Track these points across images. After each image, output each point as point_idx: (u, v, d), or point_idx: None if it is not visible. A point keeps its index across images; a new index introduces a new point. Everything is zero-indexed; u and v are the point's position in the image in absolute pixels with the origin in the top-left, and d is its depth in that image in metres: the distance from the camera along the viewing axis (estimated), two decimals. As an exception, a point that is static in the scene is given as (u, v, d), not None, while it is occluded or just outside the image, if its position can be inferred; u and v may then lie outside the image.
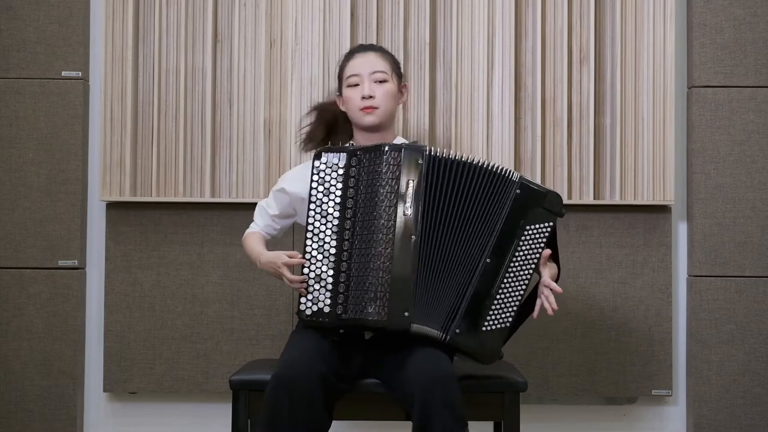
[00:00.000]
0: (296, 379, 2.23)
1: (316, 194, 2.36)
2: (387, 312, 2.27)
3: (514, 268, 2.33)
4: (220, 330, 3.20)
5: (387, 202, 2.30)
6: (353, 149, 2.39)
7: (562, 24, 3.17)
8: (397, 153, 2.32)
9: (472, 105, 3.16)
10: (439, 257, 2.31)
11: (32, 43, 3.22)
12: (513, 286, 2.34)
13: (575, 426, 3.26)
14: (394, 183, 2.31)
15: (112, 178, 3.16)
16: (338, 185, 2.36)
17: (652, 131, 3.14)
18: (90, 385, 3.28)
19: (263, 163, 3.15)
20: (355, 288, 2.30)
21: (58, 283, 3.20)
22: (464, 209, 2.33)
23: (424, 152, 2.33)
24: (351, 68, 2.58)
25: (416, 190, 2.30)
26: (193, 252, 3.20)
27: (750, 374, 3.16)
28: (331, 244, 2.33)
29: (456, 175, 2.33)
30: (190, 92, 3.19)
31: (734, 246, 3.17)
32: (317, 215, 2.35)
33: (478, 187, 2.34)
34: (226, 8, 3.20)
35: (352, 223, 2.33)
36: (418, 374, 2.23)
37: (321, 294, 2.33)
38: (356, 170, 2.35)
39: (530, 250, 2.35)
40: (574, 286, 3.18)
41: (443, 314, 2.31)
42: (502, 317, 2.33)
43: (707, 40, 3.19)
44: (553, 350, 3.19)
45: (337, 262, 2.32)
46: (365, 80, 2.54)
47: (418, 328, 2.29)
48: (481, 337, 2.31)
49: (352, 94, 2.56)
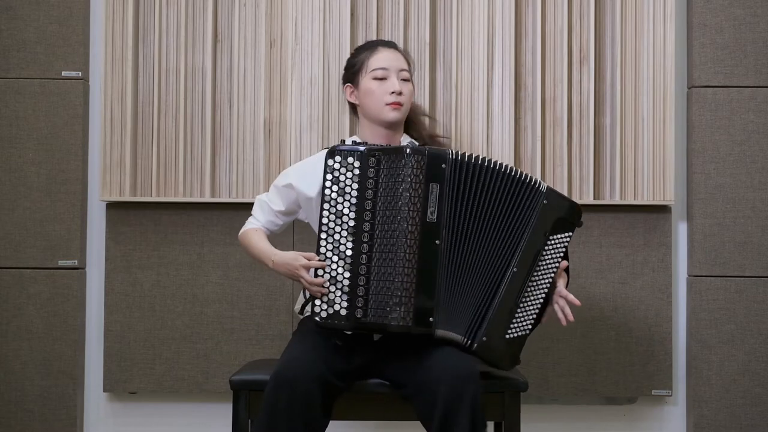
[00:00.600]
0: (296, 379, 2.22)
1: (330, 194, 2.30)
2: (412, 317, 2.26)
3: (536, 278, 2.35)
4: (220, 330, 3.20)
5: (410, 207, 2.26)
6: (370, 148, 2.32)
7: (562, 24, 3.17)
8: (421, 156, 2.28)
9: (472, 105, 3.16)
10: (464, 263, 2.30)
11: (32, 43, 3.22)
12: (534, 295, 2.36)
13: (575, 426, 3.26)
14: (417, 187, 2.27)
15: (112, 178, 3.16)
16: (354, 185, 2.29)
17: (652, 131, 3.14)
18: (90, 385, 3.28)
19: (263, 163, 3.15)
20: (375, 292, 2.27)
21: (58, 283, 3.20)
22: (490, 216, 2.32)
23: (449, 156, 2.31)
24: (378, 61, 2.52)
25: (440, 194, 2.28)
26: (193, 252, 3.20)
27: (750, 374, 3.16)
28: (347, 246, 2.28)
29: (481, 180, 2.31)
30: (190, 92, 3.19)
31: (734, 246, 3.17)
32: (331, 215, 2.29)
33: (505, 195, 2.33)
34: (226, 8, 3.20)
35: (371, 225, 2.28)
36: (445, 372, 2.22)
37: (337, 297, 2.28)
38: (374, 171, 2.29)
39: (551, 260, 2.37)
40: (574, 286, 3.18)
41: (468, 320, 2.30)
42: (523, 325, 2.36)
43: (707, 40, 3.19)
44: (553, 350, 3.19)
45: (355, 264, 2.28)
46: (393, 75, 2.51)
47: (443, 333, 2.29)
48: (506, 344, 2.33)
49: (377, 87, 2.51)
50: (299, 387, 2.22)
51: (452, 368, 2.22)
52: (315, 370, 2.25)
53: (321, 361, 2.27)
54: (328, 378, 2.26)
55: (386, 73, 2.50)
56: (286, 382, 2.23)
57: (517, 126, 3.17)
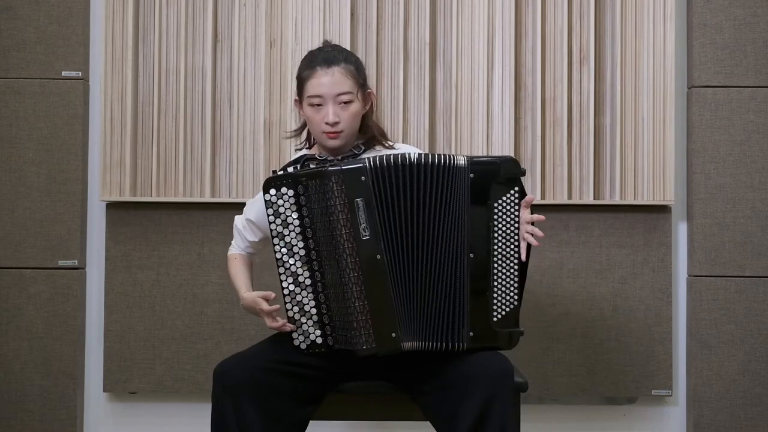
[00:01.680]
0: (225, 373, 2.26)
1: (275, 227, 2.26)
2: (374, 338, 2.23)
3: (500, 248, 2.25)
4: (220, 330, 3.20)
5: (343, 228, 2.22)
6: (297, 175, 2.25)
7: (562, 24, 3.17)
8: (339, 176, 2.21)
9: (472, 105, 3.16)
10: (414, 269, 2.24)
11: (32, 43, 3.22)
12: (507, 265, 2.26)
13: (575, 426, 3.26)
14: (343, 207, 2.22)
15: (112, 178, 3.16)
16: (293, 214, 2.25)
17: (652, 131, 3.14)
18: (90, 385, 3.28)
19: (263, 163, 3.15)
20: (338, 318, 2.26)
21: (58, 283, 3.20)
22: (424, 212, 2.24)
23: (366, 166, 2.22)
24: (313, 87, 2.36)
25: (368, 208, 2.22)
26: (193, 252, 3.20)
27: (750, 374, 3.16)
28: (304, 276, 2.27)
29: (404, 180, 2.23)
30: (190, 92, 3.19)
31: (734, 246, 3.17)
32: (282, 248, 2.27)
33: (430, 186, 2.24)
34: (226, 8, 3.20)
35: (317, 252, 2.25)
36: (482, 369, 2.19)
37: (309, 327, 2.29)
38: (305, 198, 2.24)
39: (508, 223, 2.26)
40: (574, 286, 3.18)
41: (444, 325, 2.25)
42: (508, 299, 2.27)
43: (707, 40, 3.19)
44: (553, 350, 3.19)
45: (315, 292, 2.27)
46: (329, 103, 2.36)
47: (412, 345, 2.24)
48: (496, 327, 2.26)
49: (314, 115, 2.38)
50: (225, 381, 2.25)
51: (491, 365, 2.20)
52: (250, 366, 2.27)
53: (259, 357, 2.30)
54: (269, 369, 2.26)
55: (321, 101, 2.36)
56: (217, 375, 2.27)
57: (517, 126, 3.17)
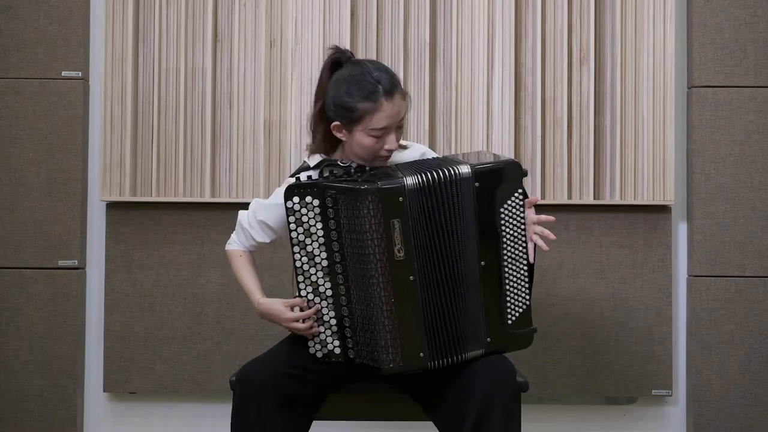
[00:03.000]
0: (250, 377, 2.26)
1: (297, 236, 2.23)
2: (401, 357, 2.21)
3: (509, 252, 2.27)
4: (220, 330, 3.20)
5: (376, 248, 2.17)
6: (323, 186, 2.21)
7: (562, 24, 3.17)
8: (375, 196, 2.16)
9: (472, 105, 3.16)
10: (440, 287, 2.23)
11: (32, 43, 3.22)
12: (516, 268, 2.28)
13: (575, 426, 3.26)
14: (378, 227, 2.17)
15: (112, 178, 3.16)
16: (318, 224, 2.22)
17: (652, 131, 3.14)
18: (90, 385, 3.28)
19: (263, 163, 3.15)
20: (362, 334, 2.24)
21: (58, 283, 3.20)
22: (442, 228, 2.23)
23: (403, 188, 2.18)
24: (380, 120, 2.26)
25: (404, 228, 2.18)
26: (193, 252, 3.20)
27: (750, 374, 3.16)
28: (325, 287, 2.25)
29: (430, 198, 2.22)
30: (190, 92, 3.19)
31: (734, 246, 3.17)
32: (303, 257, 2.24)
33: (444, 200, 2.23)
34: (226, 8, 3.20)
35: (343, 266, 2.23)
36: (484, 370, 2.20)
37: (328, 336, 2.27)
38: (333, 212, 2.21)
39: (514, 225, 2.27)
40: (574, 286, 3.18)
41: (466, 336, 2.25)
42: (520, 301, 2.29)
43: (707, 40, 3.19)
44: (553, 350, 3.19)
45: (337, 305, 2.25)
46: (392, 131, 2.29)
47: (440, 363, 2.23)
48: (511, 329, 2.28)
49: (372, 143, 2.29)
50: (253, 384, 2.24)
51: (491, 370, 2.21)
52: (271, 370, 2.26)
53: (280, 362, 2.29)
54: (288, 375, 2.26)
55: (385, 132, 2.28)
56: (243, 379, 2.26)
57: (517, 126, 3.17)
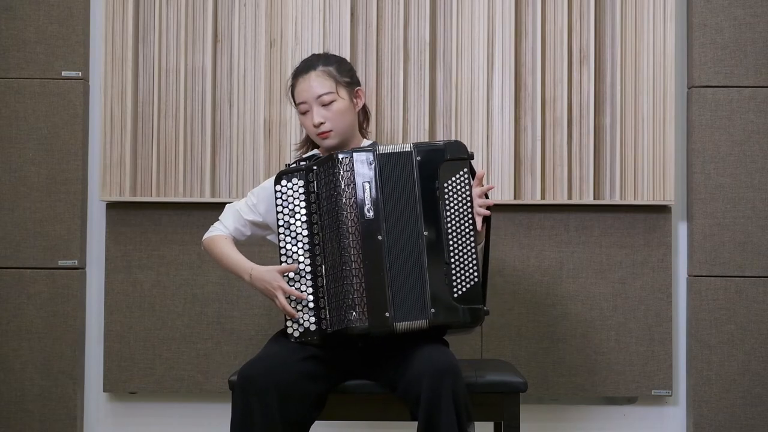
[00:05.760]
0: (253, 378, 2.26)
1: (282, 217, 2.39)
2: (368, 317, 2.29)
3: (453, 227, 2.34)
4: (220, 330, 3.20)
5: (349, 210, 2.32)
6: (309, 166, 2.40)
7: (562, 24, 3.17)
8: (349, 158, 2.34)
9: (472, 105, 3.16)
10: (398, 250, 2.33)
11: (32, 43, 3.22)
12: (462, 242, 2.34)
13: (575, 426, 3.26)
14: (351, 189, 2.33)
15: (112, 178, 3.16)
16: (301, 204, 2.38)
17: (652, 131, 3.14)
18: (90, 385, 3.28)
19: (263, 163, 3.15)
20: (334, 300, 2.32)
21: (58, 283, 3.20)
22: (398, 196, 2.35)
23: (376, 151, 2.35)
24: (297, 95, 2.55)
25: (374, 189, 2.33)
26: (193, 252, 3.20)
27: (750, 374, 3.16)
28: (306, 263, 2.37)
29: (392, 168, 2.35)
30: (190, 92, 3.19)
31: (734, 246, 3.17)
32: (288, 237, 2.39)
33: (398, 171, 2.36)
34: (226, 8, 3.20)
35: (321, 238, 2.36)
36: (425, 366, 2.23)
37: (305, 314, 2.37)
38: (315, 185, 2.38)
39: (459, 203, 2.35)
40: (574, 286, 3.18)
41: (417, 302, 2.31)
42: (467, 275, 2.34)
43: (707, 40, 3.19)
44: (553, 350, 3.19)
45: (314, 279, 2.36)
46: (312, 107, 2.51)
47: (404, 326, 2.30)
48: (457, 304, 2.32)
49: (305, 121, 2.54)
50: (253, 384, 2.25)
51: (433, 362, 2.23)
52: (271, 370, 2.27)
53: (280, 362, 2.30)
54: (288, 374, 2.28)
55: (306, 107, 2.53)
56: (242, 379, 2.27)
57: (517, 126, 3.17)
